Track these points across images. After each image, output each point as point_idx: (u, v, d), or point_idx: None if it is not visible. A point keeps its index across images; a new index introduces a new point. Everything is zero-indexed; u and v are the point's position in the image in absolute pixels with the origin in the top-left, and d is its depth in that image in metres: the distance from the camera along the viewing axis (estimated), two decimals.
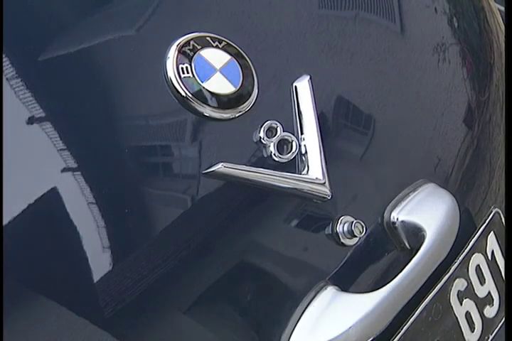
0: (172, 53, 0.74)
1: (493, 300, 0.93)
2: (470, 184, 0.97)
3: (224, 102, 0.74)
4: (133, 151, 0.72)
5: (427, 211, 0.85)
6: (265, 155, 0.77)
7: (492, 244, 0.94)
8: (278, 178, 0.76)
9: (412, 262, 0.80)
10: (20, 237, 0.65)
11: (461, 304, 0.88)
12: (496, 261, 0.94)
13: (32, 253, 0.66)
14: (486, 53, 1.04)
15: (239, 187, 0.75)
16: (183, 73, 0.73)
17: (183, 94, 0.73)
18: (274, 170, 0.76)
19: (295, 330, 0.76)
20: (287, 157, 0.77)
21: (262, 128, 0.76)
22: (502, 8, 1.67)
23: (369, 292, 0.78)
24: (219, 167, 0.73)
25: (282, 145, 0.77)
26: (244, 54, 0.77)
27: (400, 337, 0.82)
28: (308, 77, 0.80)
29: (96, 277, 0.67)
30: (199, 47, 0.75)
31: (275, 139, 0.77)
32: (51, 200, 0.67)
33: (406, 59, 0.92)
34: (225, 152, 0.75)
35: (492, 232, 0.94)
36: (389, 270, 0.84)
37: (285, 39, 0.83)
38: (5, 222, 0.65)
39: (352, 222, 0.80)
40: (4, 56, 0.69)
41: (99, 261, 0.68)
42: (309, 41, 0.85)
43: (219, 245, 0.74)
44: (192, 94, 0.73)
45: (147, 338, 0.70)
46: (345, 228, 0.80)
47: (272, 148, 0.76)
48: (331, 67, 0.86)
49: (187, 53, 0.74)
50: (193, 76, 0.73)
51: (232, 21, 0.81)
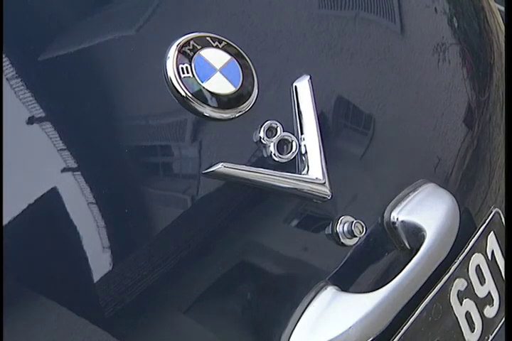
0: (172, 53, 0.74)
1: (493, 300, 0.93)
2: (470, 184, 0.97)
3: (224, 102, 0.74)
4: (133, 151, 0.72)
5: (427, 211, 0.85)
6: (265, 155, 0.77)
7: (492, 244, 0.94)
8: (278, 178, 0.76)
9: (412, 262, 0.80)
10: (20, 237, 0.65)
11: (461, 304, 0.88)
12: (496, 261, 0.94)
13: (32, 253, 0.66)
14: (486, 53, 1.04)
15: (239, 187, 0.75)
16: (183, 73, 0.73)
17: (183, 94, 0.73)
18: (274, 170, 0.76)
19: (295, 330, 0.76)
20: (287, 157, 0.77)
21: (262, 128, 0.76)
22: (502, 8, 1.67)
23: (369, 292, 0.78)
24: (219, 167, 0.73)
25: (282, 145, 0.77)
26: (244, 54, 0.77)
27: (400, 337, 0.82)
28: (308, 77, 0.80)
29: (96, 277, 0.67)
30: (199, 47, 0.75)
31: (275, 139, 0.77)
32: (51, 200, 0.67)
33: (406, 59, 0.92)
34: (225, 152, 0.75)
35: (492, 232, 0.94)
36: (389, 270, 0.84)
37: (285, 39, 0.83)
38: (5, 222, 0.65)
39: (352, 222, 0.80)
40: (4, 56, 0.69)
41: (99, 261, 0.68)
42: (309, 41, 0.85)
43: (219, 245, 0.74)
44: (192, 94, 0.73)
45: (147, 338, 0.70)
46: (345, 228, 0.80)
47: (272, 148, 0.76)
48: (331, 67, 0.86)
49: (187, 53, 0.74)
50: (193, 76, 0.73)
51: (232, 21, 0.81)
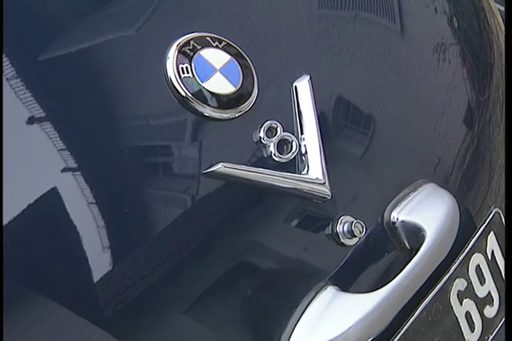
0: (172, 53, 0.74)
1: (493, 300, 0.92)
2: (470, 184, 0.97)
3: (224, 102, 0.74)
4: (133, 151, 0.72)
5: (427, 211, 0.85)
6: (265, 155, 0.76)
7: (492, 244, 0.94)
8: (278, 178, 0.76)
9: (412, 262, 0.80)
10: (20, 237, 0.65)
11: (461, 304, 0.88)
12: (496, 261, 0.94)
13: (32, 253, 0.66)
14: (486, 53, 1.04)
15: (239, 187, 0.75)
16: (183, 73, 0.73)
17: (183, 94, 0.73)
18: (274, 170, 0.76)
19: (295, 330, 0.76)
20: (287, 157, 0.77)
21: (262, 128, 0.76)
22: (502, 8, 1.67)
23: (369, 292, 0.78)
24: (219, 167, 0.73)
25: (282, 145, 0.77)
26: (244, 54, 0.77)
27: (400, 337, 0.82)
28: (308, 77, 0.80)
29: (96, 277, 0.67)
30: (199, 47, 0.75)
31: (275, 139, 0.77)
32: (51, 200, 0.67)
33: (406, 59, 0.92)
34: (225, 152, 0.75)
35: (492, 232, 0.94)
36: (389, 270, 0.84)
37: (285, 39, 0.83)
38: (5, 222, 0.64)
39: (352, 222, 0.80)
40: (4, 56, 0.69)
41: (99, 261, 0.68)
42: (309, 41, 0.85)
43: (219, 245, 0.74)
44: (192, 94, 0.73)
45: (147, 338, 0.70)
46: (345, 228, 0.80)
47: (272, 148, 0.76)
48: (331, 67, 0.86)
49: (187, 53, 0.74)
50: (193, 76, 0.73)
51: (232, 21, 0.81)
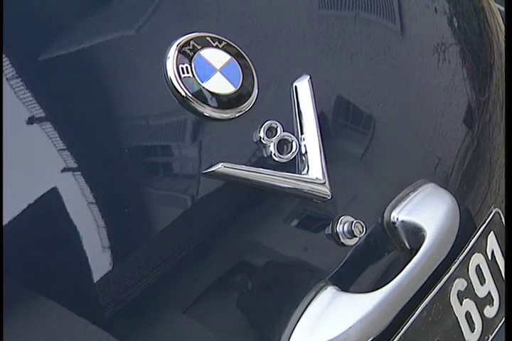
0: (172, 53, 0.74)
1: (493, 300, 0.92)
2: (470, 184, 0.97)
3: (224, 102, 0.74)
4: (133, 151, 0.72)
5: (427, 211, 0.85)
6: (265, 155, 0.76)
7: (492, 244, 0.94)
8: (278, 178, 0.76)
9: (412, 262, 0.80)
10: (20, 237, 0.65)
11: (461, 304, 0.88)
12: (496, 261, 0.94)
13: (32, 253, 0.66)
14: (486, 53, 1.04)
15: (239, 187, 0.75)
16: (183, 73, 0.73)
17: (183, 94, 0.73)
18: (274, 170, 0.76)
19: (295, 330, 0.76)
20: (287, 157, 0.77)
21: (262, 128, 0.76)
22: (502, 8, 1.67)
23: (369, 292, 0.78)
24: (219, 167, 0.73)
25: (282, 145, 0.77)
26: (244, 54, 0.77)
27: (400, 337, 0.82)
28: (308, 77, 0.80)
29: (96, 277, 0.67)
30: (199, 47, 0.75)
31: (275, 139, 0.77)
32: (51, 200, 0.67)
33: (406, 59, 0.92)
34: (225, 152, 0.75)
35: (492, 232, 0.94)
36: (389, 270, 0.84)
37: (285, 39, 0.83)
38: (5, 222, 0.64)
39: (352, 222, 0.80)
40: (4, 56, 0.69)
41: (99, 261, 0.68)
42: (309, 41, 0.85)
43: (219, 245, 0.74)
44: (192, 94, 0.73)
45: (147, 338, 0.70)
46: (345, 228, 0.80)
47: (272, 148, 0.76)
48: (331, 67, 0.86)
49: (187, 53, 0.74)
50: (193, 76, 0.73)
51: (232, 21, 0.81)
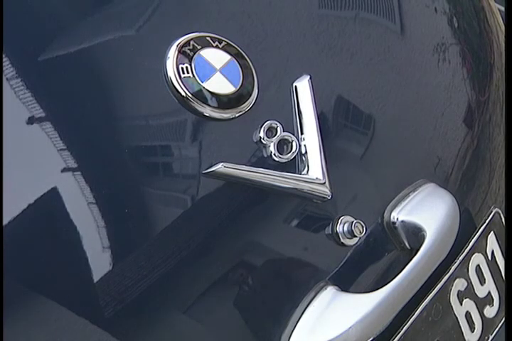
0: (172, 53, 0.74)
1: (493, 300, 0.92)
2: (470, 184, 0.97)
3: (224, 102, 0.74)
4: (133, 151, 0.72)
5: (427, 211, 0.85)
6: (265, 155, 0.76)
7: (492, 244, 0.94)
8: (278, 178, 0.76)
9: (412, 262, 0.80)
10: (20, 237, 0.65)
11: (461, 304, 0.88)
12: (496, 261, 0.94)
13: (32, 253, 0.66)
14: (486, 53, 1.04)
15: (239, 187, 0.75)
16: (183, 73, 0.73)
17: (183, 94, 0.73)
18: (274, 170, 0.76)
19: (295, 330, 0.76)
20: (287, 157, 0.77)
21: (262, 128, 0.76)
22: (502, 8, 1.67)
23: (369, 292, 0.78)
24: (219, 167, 0.73)
25: (282, 145, 0.77)
26: (244, 54, 0.77)
27: (400, 337, 0.82)
28: (308, 77, 0.80)
29: (96, 277, 0.67)
30: (199, 47, 0.75)
31: (275, 139, 0.77)
32: (51, 200, 0.67)
33: (406, 59, 0.92)
34: (225, 152, 0.75)
35: (492, 232, 0.94)
36: (389, 270, 0.84)
37: (285, 39, 0.83)
38: (5, 222, 0.65)
39: (352, 222, 0.80)
40: (4, 56, 0.69)
41: (99, 261, 0.68)
42: (309, 41, 0.85)
43: (219, 245, 0.74)
44: (192, 94, 0.73)
45: (147, 338, 0.70)
46: (345, 228, 0.80)
47: (272, 148, 0.76)
48: (331, 67, 0.86)
49: (187, 53, 0.74)
50: (193, 76, 0.73)
51: (232, 21, 0.81)
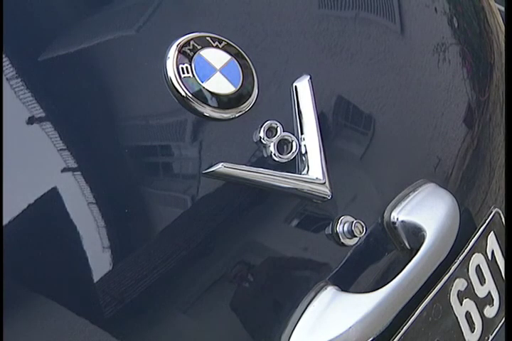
0: (172, 53, 0.74)
1: (493, 300, 0.92)
2: (470, 184, 0.97)
3: (224, 102, 0.74)
4: (133, 151, 0.72)
5: (427, 211, 0.85)
6: (265, 155, 0.76)
7: (492, 244, 0.94)
8: (278, 178, 0.76)
9: (412, 262, 0.80)
10: (20, 237, 0.65)
11: (461, 304, 0.88)
12: (496, 261, 0.94)
13: (32, 253, 0.66)
14: (486, 53, 1.04)
15: (239, 187, 0.75)
16: (183, 73, 0.73)
17: (183, 94, 0.73)
18: (274, 170, 0.76)
19: (295, 330, 0.76)
20: (287, 157, 0.77)
21: (262, 128, 0.76)
22: (502, 8, 1.67)
23: (369, 292, 0.78)
24: (219, 167, 0.73)
25: (282, 145, 0.77)
26: (244, 54, 0.77)
27: (400, 337, 0.82)
28: (308, 77, 0.80)
29: (96, 277, 0.67)
30: (199, 47, 0.75)
31: (275, 139, 0.77)
32: (51, 200, 0.67)
33: (406, 59, 0.92)
34: (225, 152, 0.75)
35: (492, 232, 0.94)
36: (389, 270, 0.84)
37: (285, 39, 0.83)
38: (5, 222, 0.65)
39: (352, 222, 0.80)
40: (4, 56, 0.69)
41: (99, 261, 0.68)
42: (309, 41, 0.85)
43: (219, 245, 0.74)
44: (192, 94, 0.73)
45: (147, 338, 0.70)
46: (345, 228, 0.80)
47: (272, 148, 0.76)
48: (331, 67, 0.86)
49: (187, 53, 0.74)
50: (193, 76, 0.73)
51: (232, 21, 0.81)
